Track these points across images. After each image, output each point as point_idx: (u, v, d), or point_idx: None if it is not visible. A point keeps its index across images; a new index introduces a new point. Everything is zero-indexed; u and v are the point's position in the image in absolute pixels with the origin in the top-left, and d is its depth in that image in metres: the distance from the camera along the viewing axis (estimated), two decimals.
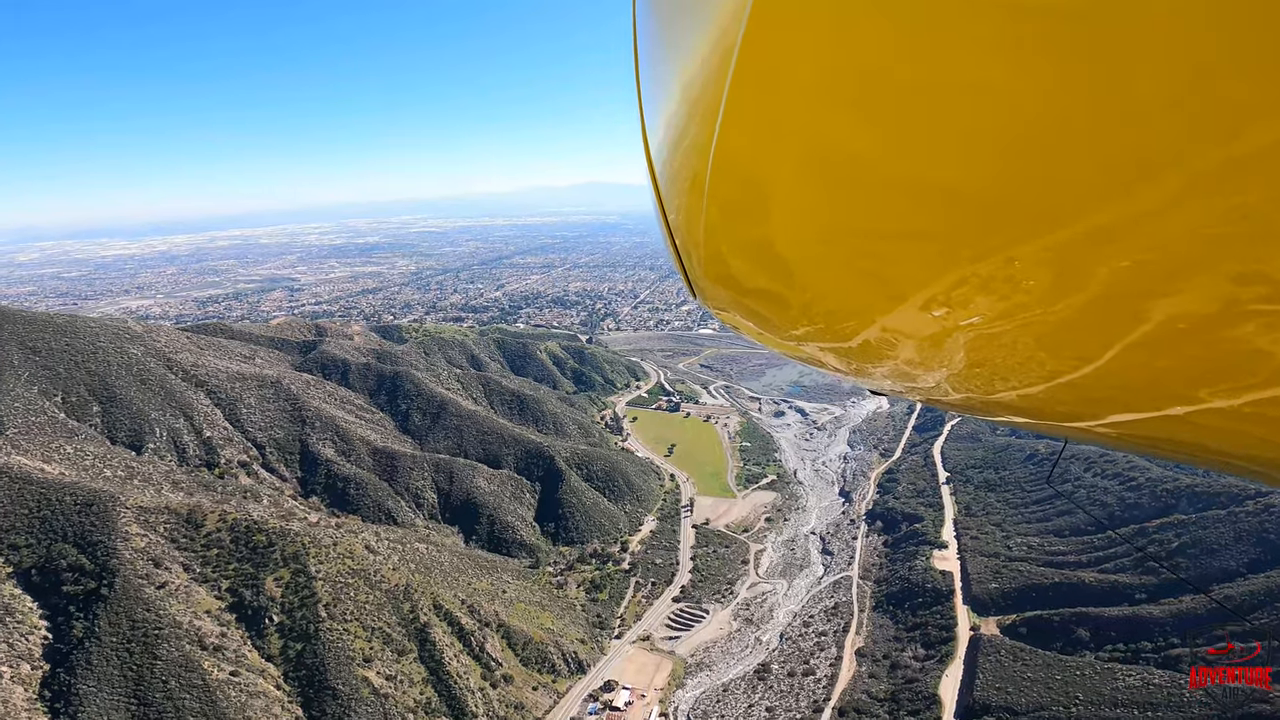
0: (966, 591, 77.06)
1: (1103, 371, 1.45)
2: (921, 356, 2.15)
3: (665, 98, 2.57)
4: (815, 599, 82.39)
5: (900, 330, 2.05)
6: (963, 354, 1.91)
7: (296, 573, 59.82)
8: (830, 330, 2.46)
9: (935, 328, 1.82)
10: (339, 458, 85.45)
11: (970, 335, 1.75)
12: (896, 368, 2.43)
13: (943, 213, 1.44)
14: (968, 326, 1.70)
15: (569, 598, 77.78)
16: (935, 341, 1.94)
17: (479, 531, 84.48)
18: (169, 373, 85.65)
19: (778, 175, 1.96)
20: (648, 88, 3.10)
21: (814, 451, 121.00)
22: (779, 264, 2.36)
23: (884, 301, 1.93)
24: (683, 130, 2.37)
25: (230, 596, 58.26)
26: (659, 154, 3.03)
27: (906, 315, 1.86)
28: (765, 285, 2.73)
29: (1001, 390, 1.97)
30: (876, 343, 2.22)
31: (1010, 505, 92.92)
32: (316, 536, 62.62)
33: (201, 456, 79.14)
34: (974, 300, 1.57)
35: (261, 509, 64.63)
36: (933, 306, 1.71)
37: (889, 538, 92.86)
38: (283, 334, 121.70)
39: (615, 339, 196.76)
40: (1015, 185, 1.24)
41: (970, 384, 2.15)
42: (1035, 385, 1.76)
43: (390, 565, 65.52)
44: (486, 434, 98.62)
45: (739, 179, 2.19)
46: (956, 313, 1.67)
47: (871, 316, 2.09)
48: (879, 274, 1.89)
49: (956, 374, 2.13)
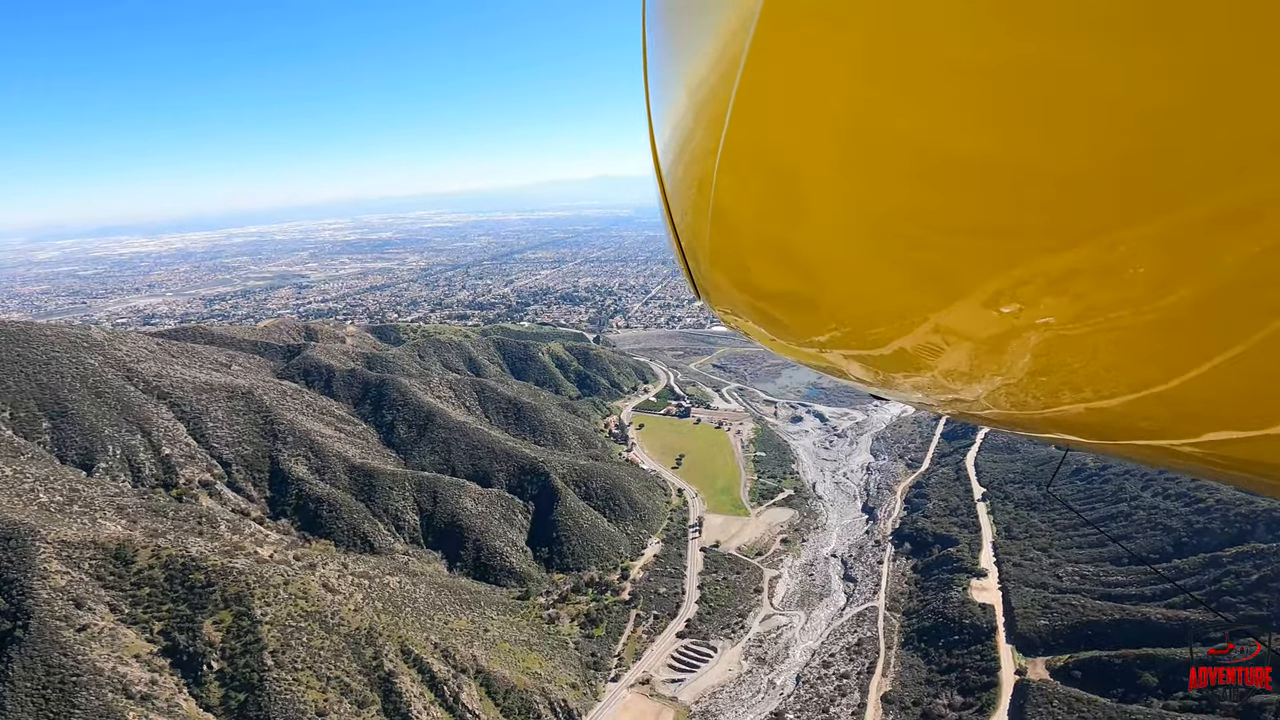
0: (1010, 628, 67.82)
1: (1209, 379, 1.25)
2: (971, 364, 1.88)
3: (672, 97, 2.46)
4: (836, 634, 73.84)
5: (949, 334, 1.80)
6: (1026, 360, 1.65)
7: (239, 615, 53.04)
8: (859, 335, 2.25)
9: (995, 330, 1.61)
10: (312, 476, 78.25)
11: (1041, 338, 1.52)
12: (935, 378, 2.14)
13: (1023, 195, 1.26)
14: (1039, 327, 1.49)
15: (561, 634, 69.88)
16: (993, 346, 1.70)
17: (464, 557, 76.83)
18: (128, 384, 79.01)
19: (803, 169, 1.77)
20: (655, 89, 3.04)
21: (834, 461, 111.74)
22: (801, 265, 2.16)
23: (933, 300, 1.71)
24: (690, 131, 2.27)
25: (163, 640, 51.93)
26: (665, 154, 2.95)
27: (960, 316, 1.66)
28: (784, 287, 2.49)
29: (1068, 403, 1.71)
30: (915, 349, 1.96)
31: (1057, 528, 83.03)
32: (264, 575, 55.49)
33: (158, 476, 72.39)
34: (1053, 295, 1.37)
35: (203, 544, 57.51)
36: (997, 304, 1.51)
37: (919, 562, 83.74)
38: (268, 337, 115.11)
39: (624, 337, 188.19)
40: (1127, 160, 1.08)
41: (1026, 396, 1.85)
42: (1115, 397, 1.53)
43: (352, 605, 58.14)
44: (477, 447, 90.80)
45: (755, 176, 2.05)
46: (1028, 311, 1.46)
47: (914, 319, 1.83)
48: (930, 269, 1.66)
49: (1011, 384, 1.83)
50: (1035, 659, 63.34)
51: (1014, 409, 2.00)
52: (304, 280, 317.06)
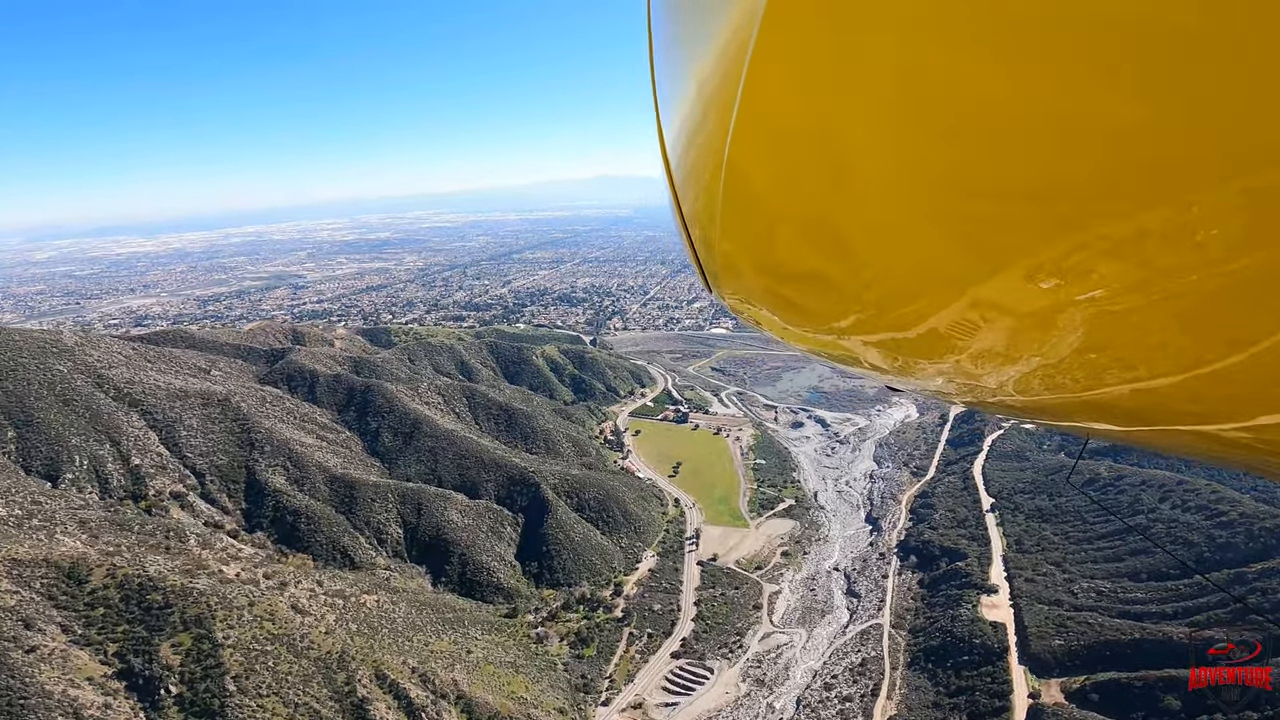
0: (1023, 648, 64.42)
1: (1273, 354, 1.16)
2: (1011, 342, 1.74)
3: (681, 74, 2.37)
4: (839, 653, 70.37)
5: (992, 309, 1.66)
6: (1074, 336, 1.52)
7: (199, 638, 49.87)
8: (887, 315, 2.08)
9: (1044, 302, 1.47)
10: (290, 487, 74.74)
11: (1094, 310, 1.40)
12: (965, 361, 2.02)
13: (1097, 151, 1.14)
14: (1094, 298, 1.36)
15: (549, 654, 66.35)
16: (1039, 321, 1.57)
17: (449, 573, 73.35)
18: (98, 391, 75.55)
19: (836, 132, 1.63)
20: (662, 73, 2.95)
21: (836, 469, 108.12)
22: (830, 239, 2.01)
23: (978, 270, 1.58)
24: (701, 107, 2.13)
25: (118, 662, 48.96)
26: (674, 142, 2.86)
27: (1007, 288, 1.53)
28: (808, 266, 2.34)
29: (1113, 384, 1.60)
30: (949, 328, 1.82)
31: (1070, 540, 79.46)
32: (227, 596, 52.14)
33: (127, 488, 68.95)
34: (1117, 261, 1.25)
35: (162, 562, 54.15)
36: (1050, 273, 1.38)
37: (925, 576, 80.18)
38: (253, 341, 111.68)
39: (621, 339, 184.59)
40: (1218, 110, 0.96)
41: (1066, 377, 1.72)
42: (1166, 376, 1.42)
43: (323, 628, 54.72)
44: (465, 457, 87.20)
45: (775, 146, 1.89)
46: (1083, 280, 1.34)
47: (954, 292, 1.69)
48: (977, 235, 1.53)
49: (1051, 364, 1.70)
50: (1050, 681, 60.25)
51: (1049, 392, 1.87)
52: (300, 280, 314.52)
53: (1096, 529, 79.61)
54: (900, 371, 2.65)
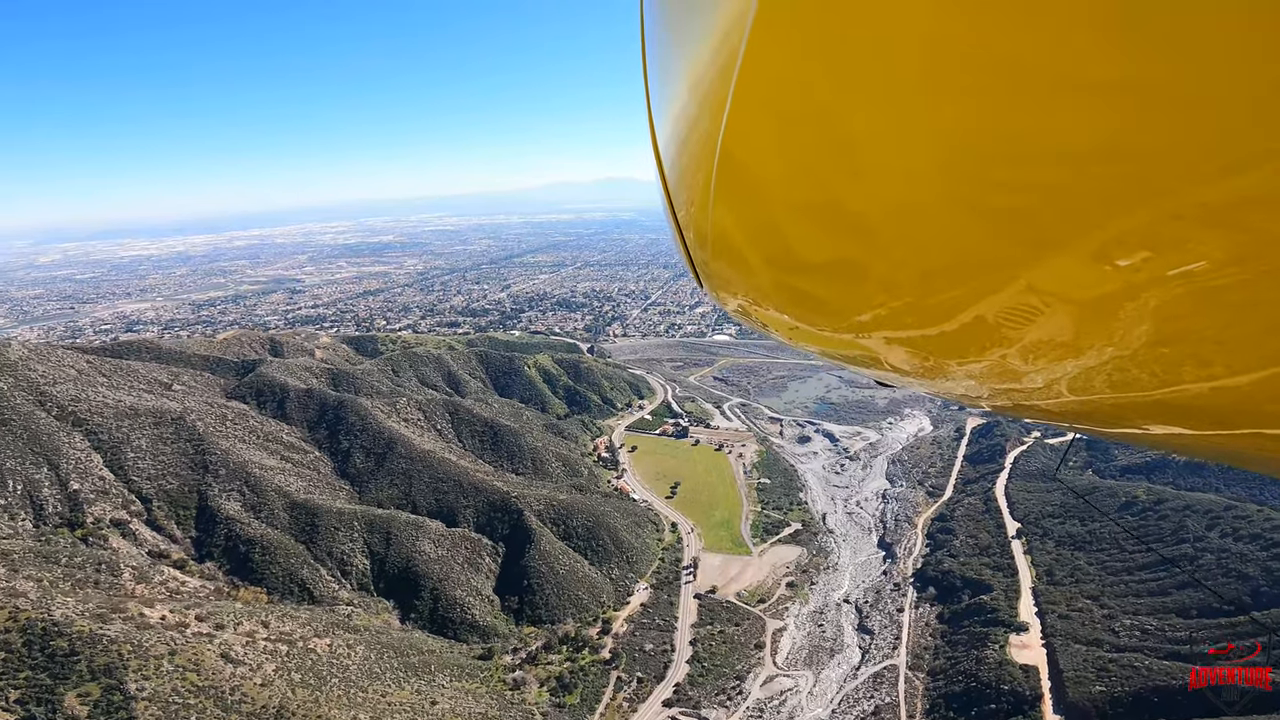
0: (1058, 695, 57.66)
1: None
2: (1067, 335, 1.50)
3: (674, 68, 2.28)
4: (850, 700, 63.39)
5: (1046, 296, 1.43)
6: (1147, 326, 1.29)
7: (109, 689, 43.59)
8: (915, 309, 1.85)
9: (1111, 286, 1.26)
10: (245, 514, 68.16)
11: (1177, 293, 1.18)
12: (1007, 359, 1.76)
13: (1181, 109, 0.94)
14: (1177, 279, 1.15)
15: (526, 704, 59.33)
16: (1103, 308, 1.34)
17: (419, 608, 66.57)
18: (38, 409, 69.27)
19: (855, 100, 1.42)
20: (655, 69, 2.89)
21: (846, 488, 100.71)
22: (848, 224, 1.75)
23: (1031, 250, 1.34)
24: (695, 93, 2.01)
25: (20, 710, 43.02)
26: (668, 141, 2.79)
27: (1066, 269, 1.31)
28: (821, 257, 2.10)
29: (1192, 381, 1.36)
30: (992, 320, 1.61)
31: (1108, 571, 71.93)
32: (143, 644, 45.92)
33: (64, 515, 62.50)
34: (1208, 234, 1.05)
35: (71, 606, 47.66)
36: (1121, 251, 1.18)
37: (945, 609, 72.89)
38: (224, 351, 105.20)
39: (620, 347, 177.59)
40: None
41: (1131, 375, 1.48)
42: (1253, 371, 1.22)
43: (259, 678, 48.00)
44: (441, 480, 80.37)
45: (780, 123, 1.69)
46: (1164, 258, 1.14)
47: (999, 279, 1.48)
48: (1032, 210, 1.27)
49: (1114, 360, 1.46)
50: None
51: (1113, 391, 1.59)
52: (298, 285, 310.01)
53: (1137, 559, 72.08)
54: (929, 373, 2.36)
